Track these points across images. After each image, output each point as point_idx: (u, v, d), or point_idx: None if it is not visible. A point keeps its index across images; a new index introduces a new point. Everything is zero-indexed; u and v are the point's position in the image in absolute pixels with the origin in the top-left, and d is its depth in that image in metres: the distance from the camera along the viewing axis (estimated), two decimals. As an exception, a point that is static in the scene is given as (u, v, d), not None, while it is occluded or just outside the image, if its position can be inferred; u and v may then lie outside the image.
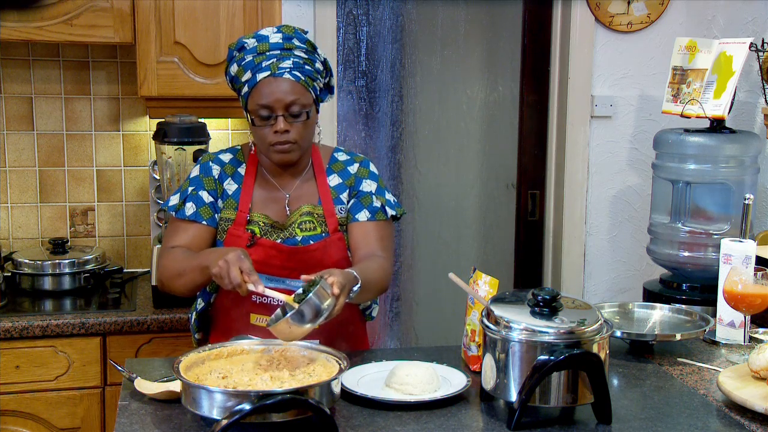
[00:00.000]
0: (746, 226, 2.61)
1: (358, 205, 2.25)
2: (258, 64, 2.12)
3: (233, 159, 2.28)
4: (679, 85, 3.07)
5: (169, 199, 2.27)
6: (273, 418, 1.64)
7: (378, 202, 2.26)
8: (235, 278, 1.91)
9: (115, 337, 2.71)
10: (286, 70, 2.11)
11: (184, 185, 2.26)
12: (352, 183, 2.28)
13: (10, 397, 2.66)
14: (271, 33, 2.16)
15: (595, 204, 3.58)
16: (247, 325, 2.17)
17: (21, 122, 3.14)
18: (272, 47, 2.13)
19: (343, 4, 3.44)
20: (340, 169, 2.29)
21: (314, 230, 2.21)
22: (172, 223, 2.26)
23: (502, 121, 3.66)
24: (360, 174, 2.29)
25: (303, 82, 2.12)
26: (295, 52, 2.14)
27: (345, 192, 2.27)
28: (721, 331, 2.39)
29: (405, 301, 3.70)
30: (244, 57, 2.14)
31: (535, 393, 1.76)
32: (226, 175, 2.25)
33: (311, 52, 2.17)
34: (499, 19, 3.61)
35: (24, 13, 2.73)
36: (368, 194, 2.26)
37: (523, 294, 1.91)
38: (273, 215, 2.22)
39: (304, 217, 2.22)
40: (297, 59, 2.13)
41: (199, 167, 2.27)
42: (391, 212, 2.28)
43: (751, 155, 2.99)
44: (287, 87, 2.11)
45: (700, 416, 1.87)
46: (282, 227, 2.20)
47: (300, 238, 2.19)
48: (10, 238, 3.17)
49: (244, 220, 2.20)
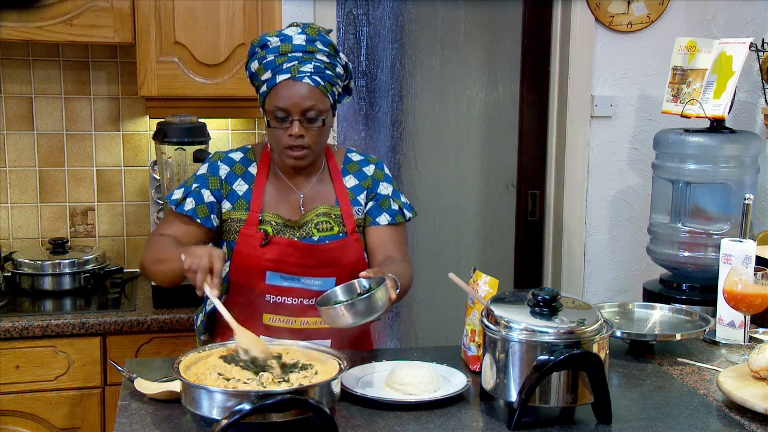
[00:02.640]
0: (746, 226, 2.61)
1: (377, 209, 2.26)
2: (279, 65, 2.11)
3: (244, 158, 2.26)
4: (679, 85, 3.07)
5: (173, 192, 2.27)
6: (273, 418, 1.64)
7: (396, 205, 2.28)
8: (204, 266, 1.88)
9: (115, 337, 2.71)
10: (306, 74, 2.09)
11: (189, 180, 2.25)
12: (369, 185, 2.28)
13: (10, 397, 2.66)
14: (295, 34, 2.13)
15: (595, 204, 3.58)
16: (260, 326, 2.16)
17: (21, 122, 3.14)
18: (295, 49, 2.11)
19: (343, 4, 3.44)
20: (356, 170, 2.29)
21: (331, 230, 2.21)
22: (168, 214, 2.26)
23: (502, 121, 3.66)
24: (377, 176, 2.29)
25: (322, 87, 2.11)
26: (318, 55, 2.12)
27: (363, 193, 2.27)
28: (721, 331, 2.39)
29: (405, 301, 3.70)
30: (266, 56, 2.13)
31: (535, 393, 1.76)
32: (235, 175, 2.23)
33: (333, 56, 2.15)
34: (499, 19, 3.60)
35: (24, 13, 2.73)
36: (386, 197, 2.27)
37: (523, 294, 1.91)
38: (286, 214, 2.21)
39: (321, 217, 2.21)
40: (318, 63, 2.11)
41: (208, 165, 2.26)
42: (409, 215, 2.30)
43: (751, 155, 2.99)
44: (306, 91, 2.10)
45: (700, 416, 1.87)
46: (295, 225, 2.20)
47: (317, 238, 2.19)
48: (10, 238, 3.17)
49: (256, 220, 2.19)
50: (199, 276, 1.88)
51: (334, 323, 1.90)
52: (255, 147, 2.30)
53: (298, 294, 2.15)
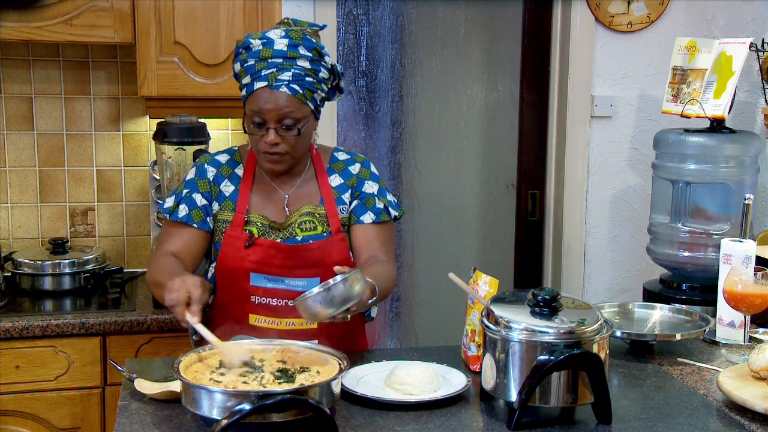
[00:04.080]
0: (746, 226, 2.61)
1: (362, 207, 2.25)
2: (258, 71, 2.10)
3: (230, 160, 2.27)
4: (679, 85, 3.07)
5: (164, 202, 2.27)
6: (273, 418, 1.64)
7: (380, 203, 2.26)
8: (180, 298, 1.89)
9: (115, 337, 2.71)
10: (284, 83, 2.08)
11: (179, 187, 2.26)
12: (354, 183, 2.27)
13: (10, 397, 2.66)
14: (278, 38, 2.11)
15: (595, 204, 3.58)
16: (246, 326, 2.16)
17: (21, 122, 3.14)
18: (275, 54, 2.09)
19: (343, 4, 3.44)
20: (341, 169, 2.29)
21: (315, 230, 2.21)
22: (165, 226, 2.26)
23: (502, 121, 3.66)
24: (362, 175, 2.28)
25: (300, 96, 2.09)
26: (299, 62, 2.10)
27: (347, 192, 2.26)
28: (721, 331, 2.39)
29: (405, 301, 3.70)
30: (247, 59, 2.12)
31: (535, 393, 1.76)
32: (222, 176, 2.24)
33: (316, 61, 2.13)
34: (499, 19, 3.60)
35: (24, 13, 2.73)
36: (371, 196, 2.26)
37: (523, 294, 1.91)
38: (271, 216, 2.21)
39: (304, 217, 2.21)
40: (299, 70, 2.09)
41: (195, 169, 2.26)
42: (394, 213, 2.28)
43: (751, 155, 2.99)
44: (283, 101, 2.08)
45: (700, 416, 1.87)
46: (281, 227, 2.20)
47: (300, 238, 2.19)
48: (10, 238, 3.17)
49: (242, 221, 2.19)
50: (178, 311, 1.90)
51: (312, 315, 1.85)
52: (241, 148, 2.30)
53: (282, 295, 2.15)
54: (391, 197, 2.31)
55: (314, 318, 1.87)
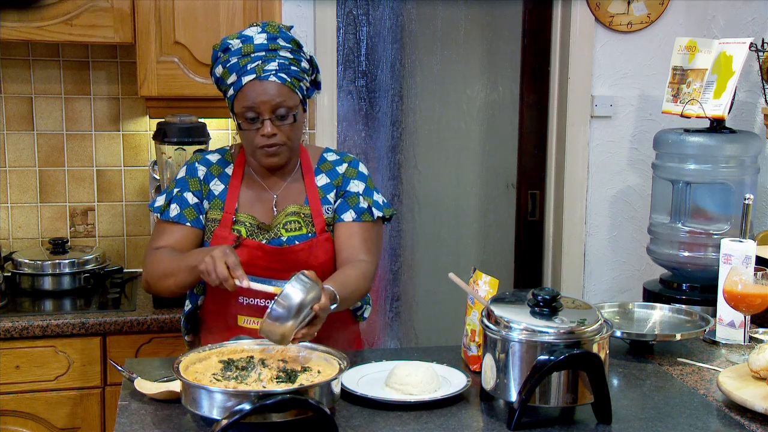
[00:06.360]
0: (746, 226, 2.61)
1: (344, 206, 2.24)
2: (243, 66, 2.10)
3: (221, 159, 2.27)
4: (679, 85, 3.07)
5: (155, 200, 2.26)
6: (273, 418, 1.64)
7: (365, 202, 2.25)
8: (222, 273, 1.90)
9: (115, 337, 2.71)
10: (271, 73, 2.09)
11: (170, 186, 2.26)
12: (339, 183, 2.26)
13: (10, 397, 2.66)
14: (256, 33, 2.13)
15: (595, 204, 3.58)
16: (235, 327, 2.16)
17: (21, 122, 3.14)
18: (257, 48, 2.10)
19: (343, 4, 3.44)
20: (329, 169, 2.28)
21: (300, 230, 2.20)
22: (157, 225, 2.25)
23: (502, 121, 3.66)
24: (348, 174, 2.28)
25: (289, 84, 2.11)
26: (281, 52, 2.11)
27: (332, 192, 2.26)
28: (721, 331, 2.39)
29: (405, 301, 3.70)
30: (229, 59, 2.12)
31: (535, 393, 1.76)
32: (212, 175, 2.24)
33: (297, 51, 2.14)
34: (499, 19, 3.61)
35: (24, 13, 2.73)
36: (355, 195, 2.25)
37: (523, 294, 1.91)
38: (260, 216, 2.21)
39: (290, 217, 2.21)
40: (283, 60, 2.11)
41: (186, 168, 2.27)
42: (378, 213, 2.26)
43: (751, 155, 2.99)
44: (273, 90, 2.09)
45: (700, 416, 1.87)
46: (268, 228, 2.20)
47: (285, 239, 2.18)
48: (10, 238, 3.17)
49: (230, 221, 2.19)
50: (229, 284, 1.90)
51: (279, 336, 1.80)
52: (233, 147, 2.30)
53: (269, 296, 2.15)
54: (379, 197, 2.29)
55: (283, 338, 1.81)
